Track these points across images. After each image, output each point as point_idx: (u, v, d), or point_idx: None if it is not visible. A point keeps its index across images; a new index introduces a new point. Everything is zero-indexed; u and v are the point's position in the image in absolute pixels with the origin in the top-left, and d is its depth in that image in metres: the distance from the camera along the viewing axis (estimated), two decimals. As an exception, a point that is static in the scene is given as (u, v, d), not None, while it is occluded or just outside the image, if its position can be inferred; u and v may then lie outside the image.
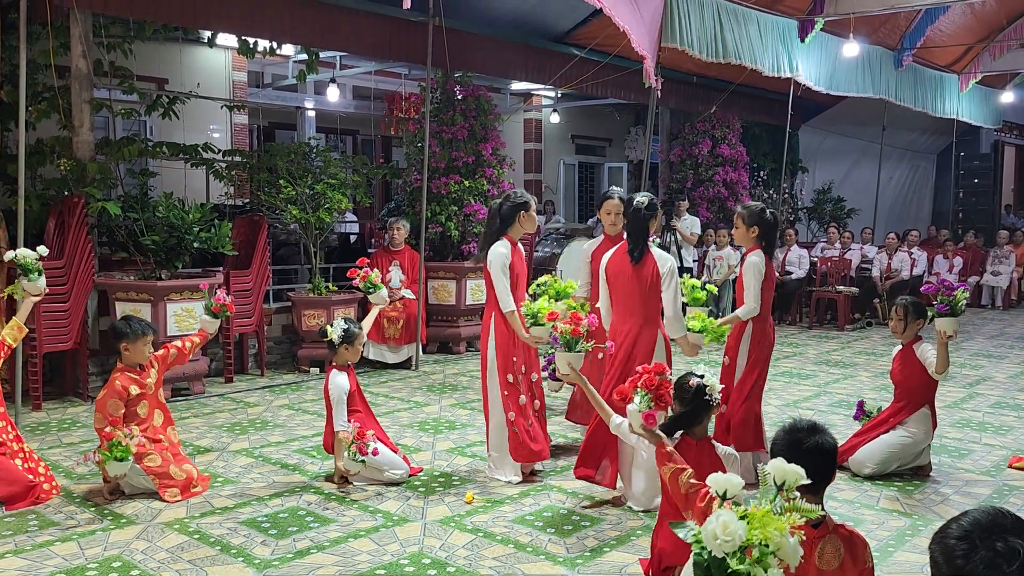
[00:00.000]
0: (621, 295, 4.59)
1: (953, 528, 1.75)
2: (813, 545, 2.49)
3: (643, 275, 4.51)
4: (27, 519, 4.26)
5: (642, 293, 4.51)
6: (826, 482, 2.56)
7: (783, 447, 2.57)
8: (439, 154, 9.04)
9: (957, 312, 4.86)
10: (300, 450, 5.50)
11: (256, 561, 3.77)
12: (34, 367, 6.40)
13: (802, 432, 2.56)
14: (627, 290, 4.56)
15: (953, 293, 4.84)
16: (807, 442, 2.53)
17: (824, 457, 2.54)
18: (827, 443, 2.56)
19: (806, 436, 2.55)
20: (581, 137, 16.03)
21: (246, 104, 10.60)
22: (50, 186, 7.02)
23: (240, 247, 7.66)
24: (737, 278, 5.07)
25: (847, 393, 7.24)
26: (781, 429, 2.66)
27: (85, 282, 6.72)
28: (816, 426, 2.59)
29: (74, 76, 6.92)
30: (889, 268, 12.05)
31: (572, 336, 4.01)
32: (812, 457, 2.50)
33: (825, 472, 2.55)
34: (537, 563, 3.78)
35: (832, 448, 2.57)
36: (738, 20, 8.70)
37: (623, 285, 4.57)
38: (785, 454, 2.53)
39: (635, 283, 4.52)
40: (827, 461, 2.55)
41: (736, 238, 5.13)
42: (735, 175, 12.59)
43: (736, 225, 5.04)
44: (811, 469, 2.49)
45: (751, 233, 4.93)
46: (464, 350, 9.15)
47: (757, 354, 4.92)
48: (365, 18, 8.15)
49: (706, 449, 3.31)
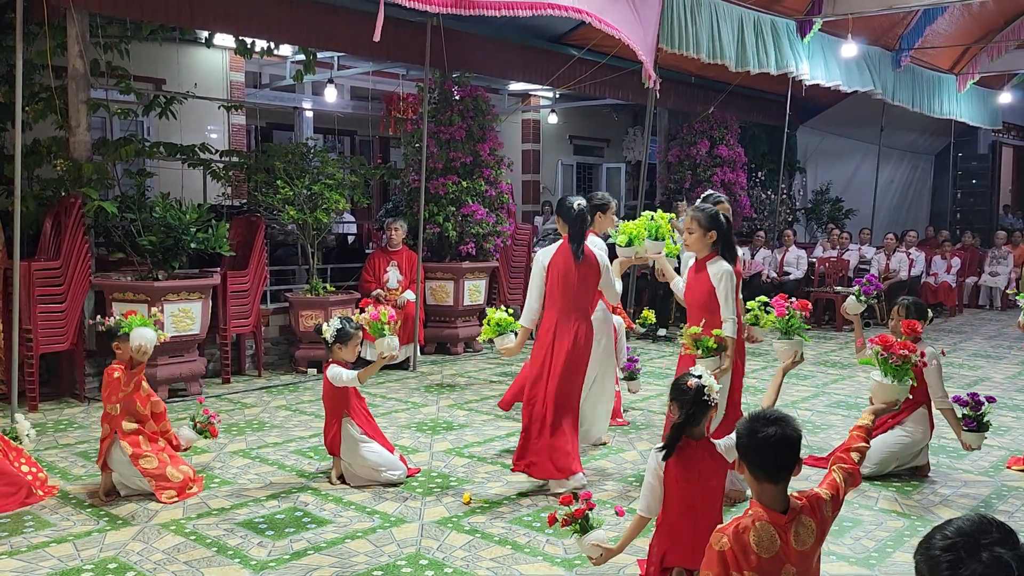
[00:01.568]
0: (565, 293, 4.78)
1: (937, 539, 1.74)
2: (787, 530, 2.52)
3: (585, 271, 4.77)
4: (23, 520, 4.24)
5: (585, 289, 4.80)
6: (788, 472, 2.55)
7: (744, 434, 2.57)
8: (437, 155, 9.03)
9: (983, 428, 4.82)
10: (297, 451, 5.48)
11: (253, 562, 3.75)
12: (30, 368, 6.38)
13: (764, 421, 2.55)
14: (571, 287, 4.78)
15: (981, 409, 4.78)
16: (766, 431, 2.52)
17: (785, 447, 2.53)
18: (789, 434, 2.54)
19: (766, 425, 2.54)
20: (579, 138, 16.02)
21: (243, 104, 10.59)
22: (47, 186, 7.00)
23: (237, 247, 7.65)
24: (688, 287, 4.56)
25: (845, 394, 7.24)
26: (745, 417, 2.65)
27: (82, 283, 6.70)
28: (779, 416, 2.57)
29: (71, 76, 6.91)
30: (887, 268, 12.05)
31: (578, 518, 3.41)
32: (772, 447, 2.51)
33: (787, 462, 2.54)
34: (535, 564, 3.77)
35: (795, 439, 2.55)
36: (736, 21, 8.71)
37: (568, 283, 4.77)
38: (745, 441, 2.54)
39: (579, 280, 4.77)
40: (789, 451, 2.54)
41: (689, 244, 4.47)
42: (733, 176, 12.59)
43: (690, 229, 4.43)
44: (772, 459, 2.52)
45: (708, 238, 4.41)
46: (462, 351, 9.14)
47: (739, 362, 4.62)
48: (363, 18, 8.13)
49: (706, 448, 3.30)
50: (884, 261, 12.14)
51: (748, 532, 2.50)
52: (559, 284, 4.78)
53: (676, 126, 13.20)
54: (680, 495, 3.26)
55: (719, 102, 11.87)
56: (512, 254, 9.88)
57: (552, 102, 14.06)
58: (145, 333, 4.47)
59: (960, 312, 13.43)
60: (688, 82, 11.70)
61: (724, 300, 4.33)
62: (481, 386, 7.52)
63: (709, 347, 4.16)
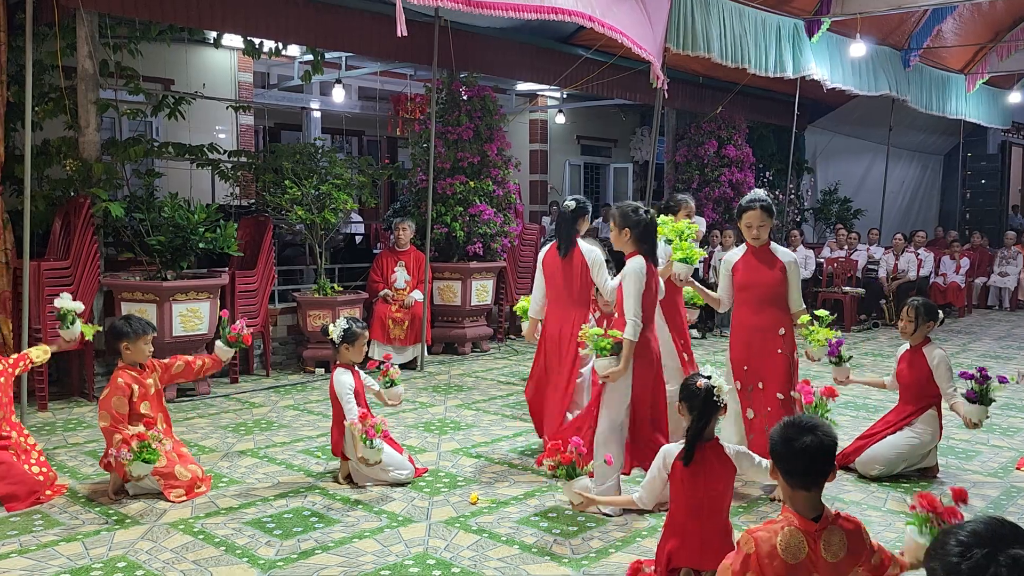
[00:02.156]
0: (554, 287, 5.13)
1: (952, 544, 1.72)
2: (817, 539, 2.50)
3: (571, 268, 5.03)
4: (32, 519, 4.26)
5: (570, 283, 5.05)
6: (823, 479, 2.55)
7: (778, 441, 2.56)
8: (444, 155, 9.03)
9: (986, 401, 4.76)
10: (305, 451, 5.49)
11: (261, 561, 3.76)
12: (40, 367, 6.40)
13: (798, 429, 2.54)
14: (559, 282, 5.10)
15: (986, 382, 4.74)
16: (802, 440, 2.51)
17: (820, 455, 2.51)
18: (825, 442, 2.52)
19: (801, 433, 2.52)
20: (587, 138, 16.02)
21: (251, 105, 10.62)
22: (56, 187, 7.03)
23: (245, 247, 7.67)
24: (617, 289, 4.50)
25: (853, 395, 7.21)
26: (779, 424, 2.64)
27: (91, 283, 6.73)
28: (814, 424, 2.56)
29: (80, 77, 6.94)
30: (896, 269, 12.01)
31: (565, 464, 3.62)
32: (808, 455, 2.50)
33: (822, 469, 2.53)
34: (542, 564, 3.77)
35: (830, 446, 2.54)
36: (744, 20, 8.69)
37: (556, 278, 5.11)
38: (780, 449, 2.53)
39: (566, 275, 5.05)
40: (824, 459, 2.52)
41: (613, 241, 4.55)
42: (741, 176, 12.57)
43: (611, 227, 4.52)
44: (806, 466, 2.51)
45: (623, 236, 4.42)
46: (469, 351, 9.14)
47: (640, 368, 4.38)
48: (371, 19, 8.15)
49: (716, 450, 3.29)
50: (892, 261, 12.10)
51: (776, 536, 2.49)
52: (550, 279, 5.16)
53: (684, 126, 13.18)
54: (686, 495, 3.26)
55: (727, 102, 11.85)
56: (519, 254, 9.88)
57: (560, 102, 14.06)
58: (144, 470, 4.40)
59: (969, 313, 13.38)
60: (696, 82, 11.68)
61: (625, 298, 4.29)
62: (489, 386, 7.52)
63: (603, 348, 4.19)
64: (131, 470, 4.38)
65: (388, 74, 11.98)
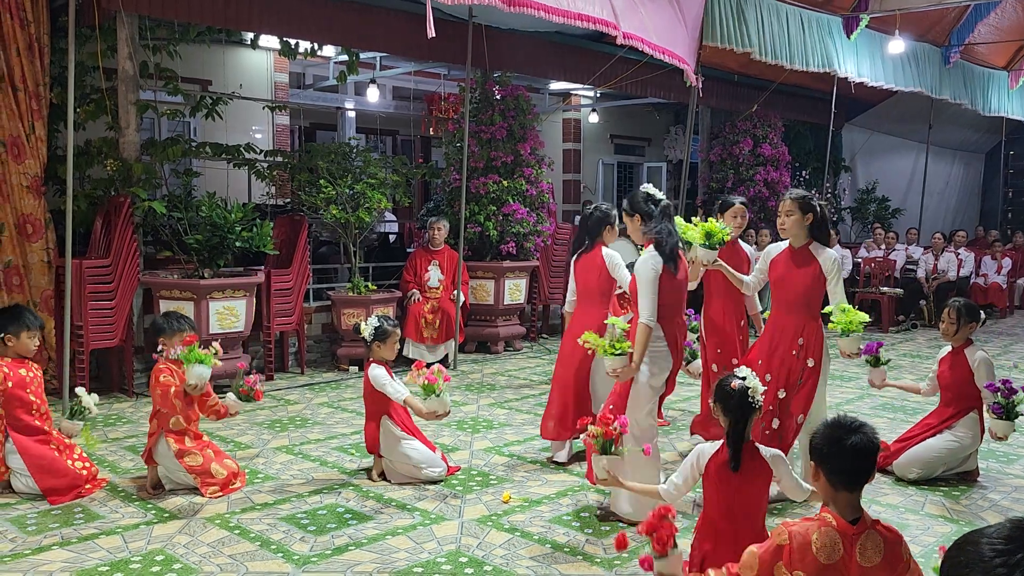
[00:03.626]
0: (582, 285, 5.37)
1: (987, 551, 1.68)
2: (853, 542, 2.48)
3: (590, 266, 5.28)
4: (73, 512, 4.34)
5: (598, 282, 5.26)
6: (866, 479, 2.55)
7: (823, 442, 2.55)
8: (478, 154, 9.05)
9: (1012, 416, 4.65)
10: (339, 448, 5.54)
11: (295, 557, 3.80)
12: (81, 363, 6.53)
13: (846, 429, 2.53)
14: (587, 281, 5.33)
15: (1013, 396, 4.63)
16: (851, 439, 2.50)
17: (868, 455, 2.51)
18: (874, 440, 2.53)
19: (849, 433, 2.51)
20: (620, 137, 15.95)
21: (287, 105, 10.71)
22: (97, 186, 7.15)
23: (281, 246, 7.75)
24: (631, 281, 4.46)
25: (891, 396, 7.11)
26: (823, 424, 2.63)
27: (131, 280, 6.84)
28: (860, 424, 2.55)
29: (121, 78, 7.05)
30: (935, 269, 11.81)
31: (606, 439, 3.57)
32: (857, 454, 2.49)
33: (865, 471, 2.53)
34: (574, 563, 3.76)
35: (874, 448, 2.53)
36: (781, 17, 8.59)
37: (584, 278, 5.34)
38: (827, 449, 2.51)
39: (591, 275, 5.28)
40: (868, 461, 2.52)
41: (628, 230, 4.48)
42: (776, 175, 12.43)
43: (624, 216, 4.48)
44: (854, 466, 2.49)
45: (635, 222, 4.34)
46: (502, 350, 9.15)
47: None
48: (405, 19, 8.19)
49: (751, 452, 3.26)
50: (932, 261, 11.90)
51: (812, 534, 2.48)
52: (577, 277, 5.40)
53: (719, 124, 13.07)
54: (719, 496, 3.23)
55: (762, 100, 11.73)
56: (552, 253, 9.88)
57: (593, 101, 14.02)
58: (203, 372, 4.52)
59: (1011, 313, 13.11)
60: (731, 80, 11.58)
61: (638, 289, 4.19)
62: (521, 385, 7.52)
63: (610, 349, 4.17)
64: (189, 374, 4.47)
65: (422, 74, 12.02)
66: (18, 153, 6.52)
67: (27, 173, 6.56)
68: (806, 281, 4.51)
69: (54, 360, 6.61)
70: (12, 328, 4.63)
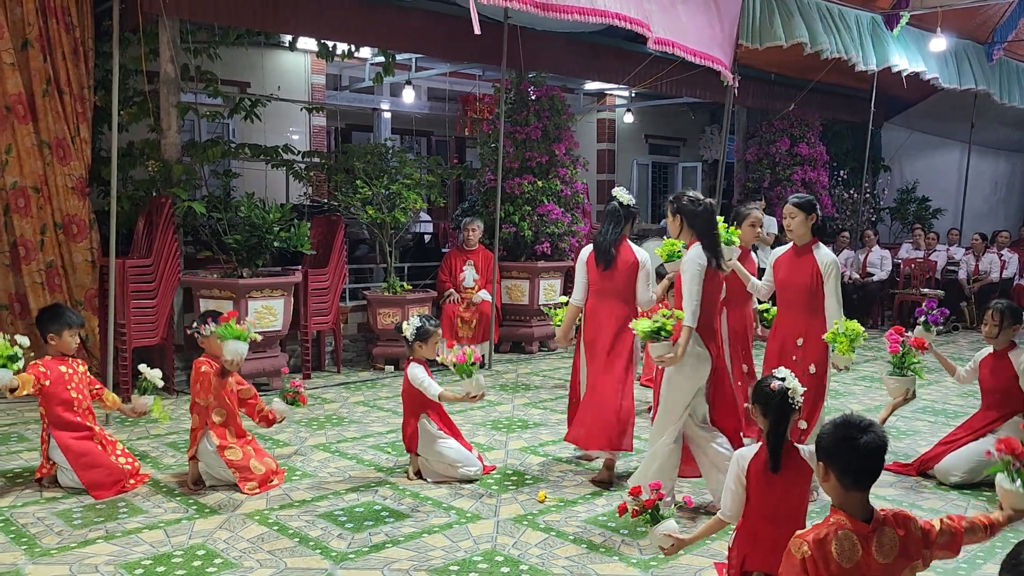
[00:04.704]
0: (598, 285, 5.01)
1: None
2: (869, 540, 2.49)
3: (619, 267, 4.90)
4: (117, 507, 4.43)
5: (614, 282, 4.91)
6: (875, 478, 2.55)
7: (831, 442, 2.54)
8: (513, 154, 9.07)
9: None
10: (375, 446, 5.58)
11: (333, 554, 3.84)
12: (123, 361, 6.64)
13: (857, 429, 2.52)
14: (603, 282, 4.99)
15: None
16: (863, 438, 2.50)
17: (879, 454, 2.52)
18: (884, 439, 2.53)
19: (861, 432, 2.51)
20: (655, 137, 15.86)
21: (324, 106, 10.82)
22: (139, 187, 7.28)
23: (318, 246, 7.83)
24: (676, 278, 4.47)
25: (932, 399, 7.00)
26: (831, 423, 2.61)
27: (171, 280, 6.95)
28: (870, 423, 2.54)
29: (162, 80, 7.18)
30: (977, 270, 11.60)
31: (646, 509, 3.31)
32: (870, 453, 2.50)
33: (878, 468, 2.55)
34: (610, 564, 3.76)
35: (886, 445, 2.54)
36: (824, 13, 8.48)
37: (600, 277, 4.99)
38: (838, 448, 2.51)
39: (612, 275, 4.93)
40: (878, 460, 2.53)
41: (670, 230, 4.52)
42: (814, 174, 12.27)
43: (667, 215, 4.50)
44: (866, 466, 2.50)
45: (676, 222, 4.40)
46: (537, 350, 9.16)
47: None
48: (440, 20, 8.23)
49: (791, 453, 3.23)
50: (973, 262, 11.69)
51: (830, 540, 2.47)
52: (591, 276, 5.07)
53: (755, 124, 12.95)
54: (761, 499, 3.21)
55: (800, 99, 11.60)
56: (587, 254, 9.84)
57: (628, 101, 13.97)
58: (239, 347, 4.63)
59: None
60: (768, 80, 11.46)
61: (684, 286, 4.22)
62: (556, 385, 7.52)
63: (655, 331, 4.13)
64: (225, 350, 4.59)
65: (457, 75, 12.08)
66: (63, 155, 6.66)
67: (72, 174, 6.70)
68: (807, 280, 4.57)
69: (98, 357, 6.74)
70: (55, 327, 4.74)
